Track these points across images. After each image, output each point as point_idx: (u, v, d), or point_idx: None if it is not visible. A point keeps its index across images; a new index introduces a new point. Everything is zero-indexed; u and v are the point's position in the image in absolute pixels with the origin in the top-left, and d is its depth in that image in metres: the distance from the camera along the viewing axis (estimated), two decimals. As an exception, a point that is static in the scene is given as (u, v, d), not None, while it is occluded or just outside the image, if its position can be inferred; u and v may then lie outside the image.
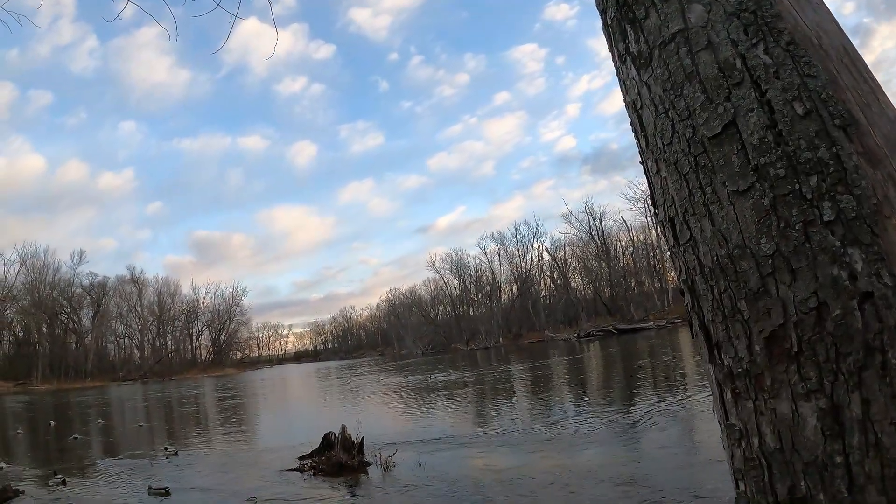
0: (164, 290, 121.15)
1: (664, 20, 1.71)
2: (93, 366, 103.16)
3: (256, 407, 37.42)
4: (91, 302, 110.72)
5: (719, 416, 1.77)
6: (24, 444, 25.14)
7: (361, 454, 14.33)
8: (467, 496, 10.68)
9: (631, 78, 1.86)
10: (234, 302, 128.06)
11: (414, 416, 23.20)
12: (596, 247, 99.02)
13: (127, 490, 14.17)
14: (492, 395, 27.70)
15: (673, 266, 1.87)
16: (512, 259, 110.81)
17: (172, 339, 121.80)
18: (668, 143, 1.71)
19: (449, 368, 49.61)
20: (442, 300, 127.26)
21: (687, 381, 22.07)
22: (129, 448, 21.25)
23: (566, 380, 30.18)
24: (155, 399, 50.16)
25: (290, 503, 11.73)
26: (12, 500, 13.54)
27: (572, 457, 12.83)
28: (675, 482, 9.81)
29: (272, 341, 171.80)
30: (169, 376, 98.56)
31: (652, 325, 69.75)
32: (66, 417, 36.74)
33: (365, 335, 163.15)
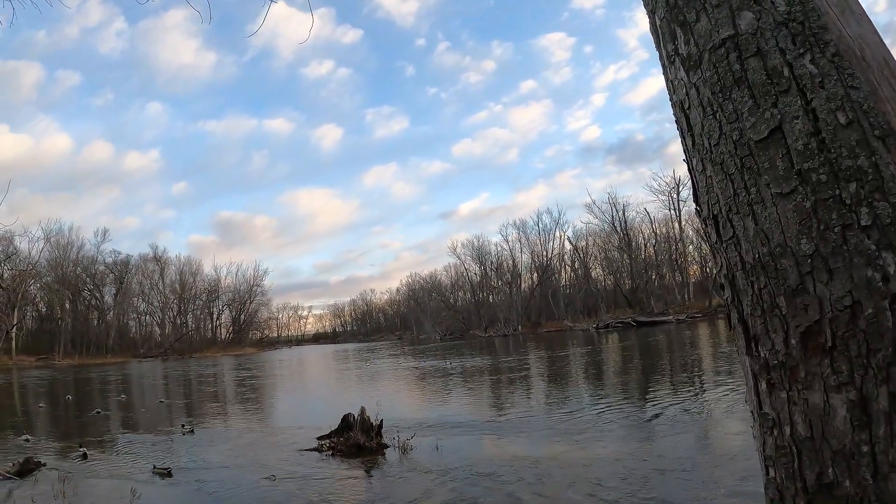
0: (185, 269, 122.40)
1: (715, 25, 1.77)
2: (114, 342, 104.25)
3: (275, 386, 37.55)
4: (114, 279, 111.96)
5: (752, 406, 1.84)
6: (47, 418, 25.41)
7: (380, 436, 14.42)
8: (482, 482, 10.72)
9: (679, 78, 1.91)
10: (255, 282, 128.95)
11: (431, 400, 23.27)
12: (618, 238, 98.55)
13: (143, 466, 14.33)
14: (508, 383, 27.70)
15: (713, 261, 1.93)
16: (533, 247, 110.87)
17: (193, 318, 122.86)
18: (714, 143, 1.77)
19: (467, 354, 49.64)
20: (462, 286, 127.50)
21: (704, 376, 22.01)
22: (149, 424, 21.48)
23: (583, 370, 30.14)
24: (175, 376, 50.49)
25: (308, 482, 11.81)
26: (34, 472, 13.77)
27: (586, 447, 12.83)
28: (690, 477, 9.82)
29: (292, 322, 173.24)
30: (189, 354, 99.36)
31: (671, 319, 69.23)
32: (87, 392, 37.12)
33: (384, 319, 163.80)
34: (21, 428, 21.13)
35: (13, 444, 17.85)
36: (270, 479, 12.07)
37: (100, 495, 11.68)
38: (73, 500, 9.61)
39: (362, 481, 12.05)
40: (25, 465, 13.94)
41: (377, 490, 11.12)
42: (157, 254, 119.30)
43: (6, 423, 23.52)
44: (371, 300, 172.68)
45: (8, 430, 21.18)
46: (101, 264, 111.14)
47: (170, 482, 12.57)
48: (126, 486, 11.93)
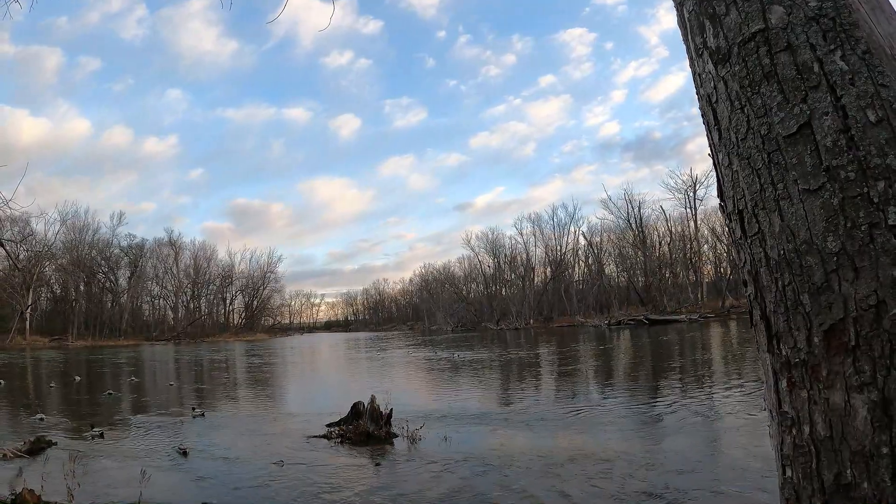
0: (200, 254, 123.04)
1: (745, 18, 1.75)
2: (127, 325, 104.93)
3: (285, 373, 37.70)
4: (128, 263, 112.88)
5: (771, 405, 1.83)
6: (59, 398, 25.57)
7: (389, 425, 14.46)
8: (490, 473, 10.75)
9: (707, 72, 1.90)
10: (269, 269, 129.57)
11: (441, 391, 23.27)
12: (633, 235, 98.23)
13: (154, 447, 14.43)
14: (519, 376, 27.74)
15: (737, 257, 1.91)
16: (547, 241, 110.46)
17: (206, 302, 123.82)
18: (742, 138, 1.76)
19: (478, 347, 49.69)
20: (475, 278, 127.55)
21: (714, 377, 21.92)
22: (160, 407, 21.59)
23: (593, 366, 30.10)
24: (186, 360, 50.73)
25: (316, 468, 11.86)
26: (46, 451, 13.87)
27: (594, 442, 12.84)
28: (695, 477, 9.81)
29: (304, 309, 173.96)
30: (201, 338, 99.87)
31: (684, 318, 68.91)
32: (99, 374, 37.38)
33: (396, 308, 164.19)
34: (33, 407, 21.28)
35: (27, 424, 17.99)
36: (279, 464, 12.13)
37: (109, 475, 11.75)
38: (82, 480, 9.65)
39: (370, 469, 12.09)
40: (37, 443, 14.06)
41: (385, 478, 11.15)
42: (172, 238, 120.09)
43: (19, 403, 23.73)
44: (384, 290, 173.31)
45: (21, 410, 21.37)
46: (116, 247, 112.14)
47: (180, 464, 12.65)
48: (136, 466, 12.02)
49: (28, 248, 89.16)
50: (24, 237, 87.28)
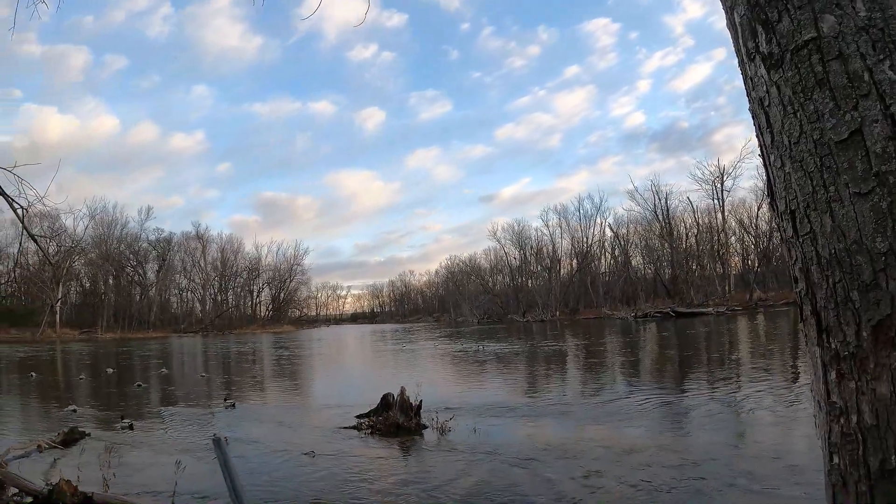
0: (227, 247, 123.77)
1: (797, 26, 1.81)
2: (155, 317, 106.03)
3: (313, 364, 37.93)
4: (156, 256, 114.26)
5: (819, 395, 1.91)
6: (90, 390, 25.86)
7: (419, 417, 14.50)
8: (519, 465, 10.78)
9: (759, 76, 1.95)
10: (296, 261, 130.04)
11: (469, 383, 23.33)
12: (659, 226, 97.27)
13: (189, 437, 14.65)
14: (545, 368, 27.72)
15: (787, 255, 1.97)
16: (574, 233, 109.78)
17: (233, 295, 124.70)
18: (794, 141, 1.82)
19: (504, 339, 49.57)
20: (501, 270, 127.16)
21: (742, 371, 21.71)
22: (190, 398, 21.84)
23: (620, 358, 29.99)
24: (215, 352, 51.11)
25: (346, 459, 11.94)
26: (79, 442, 14.09)
27: (620, 435, 12.85)
28: (724, 470, 9.78)
29: (330, 301, 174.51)
30: (228, 330, 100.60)
31: (711, 311, 67.95)
32: (128, 366, 37.72)
33: (422, 300, 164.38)
34: (65, 399, 21.57)
35: (60, 415, 18.25)
36: (310, 455, 12.24)
37: (144, 466, 11.94)
38: (117, 471, 9.80)
39: (401, 460, 12.20)
40: (70, 434, 14.27)
41: (415, 469, 11.24)
42: (200, 232, 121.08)
43: (50, 395, 24.04)
44: (410, 282, 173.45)
45: (52, 402, 21.65)
46: (144, 241, 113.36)
47: (210, 455, 12.77)
48: (168, 457, 12.20)
49: (58, 243, 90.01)
50: (55, 233, 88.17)
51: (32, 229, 11.07)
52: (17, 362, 41.10)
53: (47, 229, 77.13)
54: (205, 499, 9.55)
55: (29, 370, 32.79)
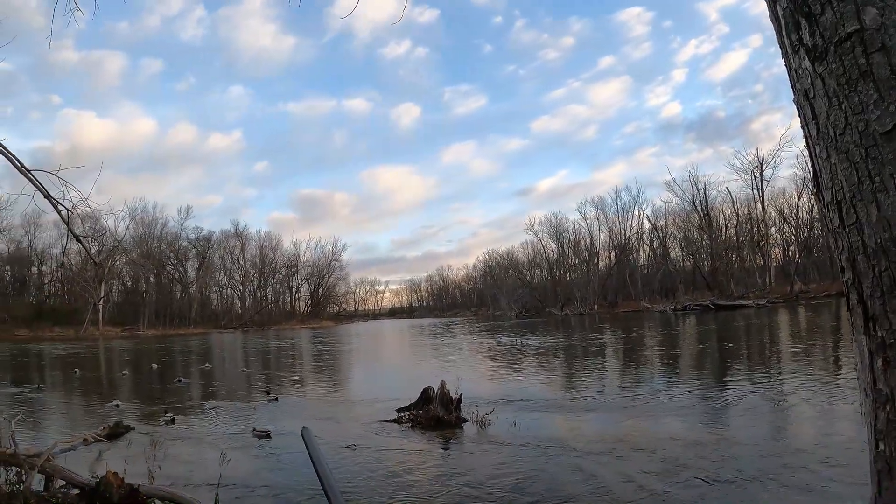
0: (266, 245, 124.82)
1: (840, 18, 1.82)
2: (196, 314, 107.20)
3: (352, 359, 38.15)
4: (196, 254, 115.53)
5: (866, 383, 1.92)
6: (133, 385, 26.28)
7: (458, 410, 14.60)
8: (557, 458, 10.82)
9: (804, 68, 1.96)
10: (334, 257, 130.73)
11: (508, 377, 23.37)
12: (698, 217, 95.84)
13: (232, 430, 14.83)
14: (584, 362, 27.71)
15: (833, 245, 1.98)
16: (611, 225, 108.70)
17: (272, 291, 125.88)
18: (840, 133, 1.83)
19: (543, 332, 49.50)
20: (539, 263, 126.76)
21: (782, 365, 21.46)
22: (232, 392, 22.13)
23: (659, 352, 29.81)
24: (255, 347, 51.60)
25: (388, 452, 12.06)
26: (125, 436, 14.37)
27: (660, 429, 12.82)
28: (763, 464, 9.73)
29: (369, 296, 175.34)
30: (268, 326, 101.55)
31: (751, 304, 66.89)
32: (170, 362, 38.23)
33: (460, 294, 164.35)
34: (108, 394, 21.96)
35: (104, 410, 18.56)
36: (351, 448, 12.36)
37: (188, 459, 12.13)
38: (162, 463, 9.96)
39: (441, 453, 12.27)
40: (115, 428, 14.59)
41: (456, 462, 11.30)
42: (239, 230, 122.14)
43: (94, 390, 24.47)
44: (447, 276, 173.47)
45: (96, 397, 22.03)
46: (184, 240, 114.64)
47: (256, 448, 12.97)
48: (211, 450, 12.39)
49: (100, 243, 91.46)
50: (97, 233, 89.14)
51: (75, 230, 11.29)
52: (61, 359, 41.86)
53: (89, 230, 78.20)
54: (249, 490, 9.69)
55: (72, 367, 33.43)
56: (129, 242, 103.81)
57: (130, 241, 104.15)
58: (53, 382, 28.46)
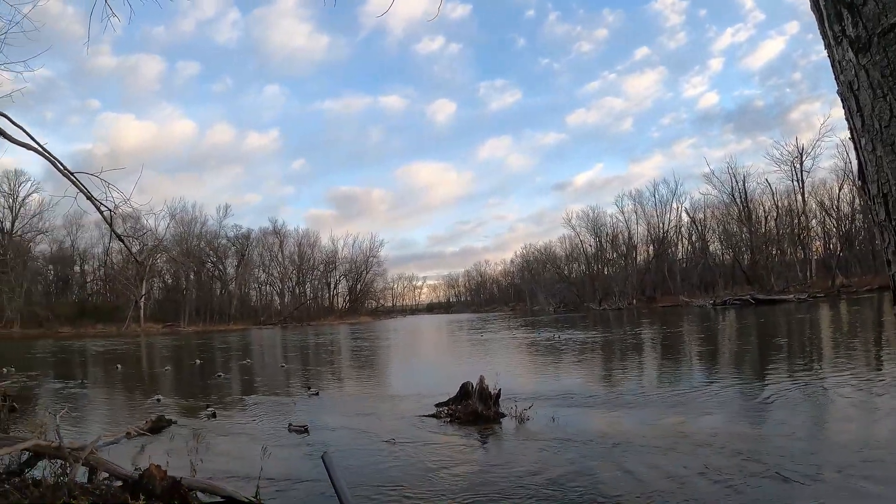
0: (304, 241, 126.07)
1: (882, 10, 1.79)
2: (236, 310, 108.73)
3: (390, 354, 38.35)
4: (235, 252, 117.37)
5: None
6: (174, 380, 26.62)
7: (497, 405, 14.58)
8: (596, 454, 10.78)
9: (847, 59, 1.94)
10: (372, 253, 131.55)
11: (546, 372, 23.32)
12: (737, 210, 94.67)
13: (271, 425, 14.96)
14: (622, 358, 27.55)
15: (879, 238, 1.96)
16: (649, 219, 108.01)
17: (311, 287, 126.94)
18: (885, 125, 1.81)
19: (582, 328, 49.29)
20: (576, 258, 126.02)
21: (823, 361, 21.15)
22: (273, 387, 22.33)
23: (698, 348, 29.54)
24: (294, 343, 51.94)
25: (427, 446, 12.09)
26: (166, 429, 14.57)
27: (699, 424, 12.72)
28: (802, 462, 9.60)
29: (406, 292, 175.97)
30: (307, 322, 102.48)
31: (792, 298, 65.84)
32: (211, 357, 38.62)
33: (497, 290, 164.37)
34: (150, 389, 22.28)
35: (146, 404, 18.82)
36: (391, 442, 12.43)
37: (229, 452, 12.26)
38: (203, 456, 10.07)
39: (480, 448, 12.26)
40: (157, 422, 14.85)
41: (495, 457, 11.32)
42: (277, 227, 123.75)
43: (136, 386, 24.81)
44: (485, 271, 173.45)
45: (138, 392, 22.36)
46: (223, 238, 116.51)
47: (296, 442, 13.07)
48: (251, 443, 12.50)
49: (141, 242, 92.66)
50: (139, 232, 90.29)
51: (117, 230, 11.51)
52: (104, 356, 42.49)
53: (130, 229, 79.32)
54: (290, 483, 9.77)
55: (115, 363, 33.96)
56: (170, 241, 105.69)
57: (171, 240, 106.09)
58: (96, 378, 28.92)
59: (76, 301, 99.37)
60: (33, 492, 7.87)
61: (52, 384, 25.25)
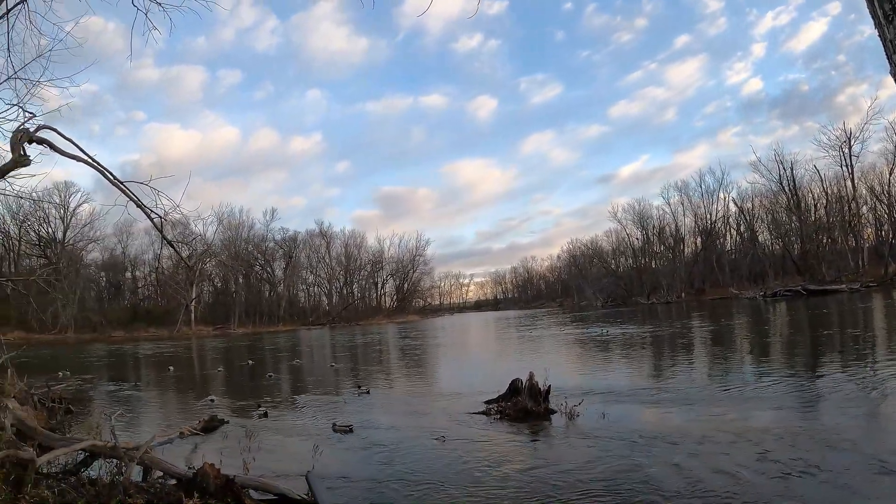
0: (350, 242, 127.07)
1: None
2: (284, 312, 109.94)
3: (439, 352, 38.40)
4: (283, 254, 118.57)
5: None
6: (226, 381, 26.94)
7: (547, 402, 14.55)
8: (648, 450, 10.67)
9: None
10: (418, 252, 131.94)
11: (596, 368, 23.18)
12: (786, 198, 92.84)
13: (322, 424, 15.05)
14: (671, 352, 27.29)
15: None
16: (696, 210, 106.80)
17: (358, 287, 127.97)
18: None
19: (630, 322, 48.96)
20: (623, 251, 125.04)
21: (878, 353, 20.78)
22: (323, 386, 22.52)
23: (749, 341, 29.11)
24: (343, 343, 52.28)
25: (477, 444, 12.08)
26: (219, 429, 14.82)
27: (750, 420, 12.55)
28: (855, 457, 9.42)
29: (453, 290, 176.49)
30: (355, 322, 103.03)
31: (844, 288, 64.77)
32: (261, 358, 39.08)
33: (545, 286, 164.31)
34: (202, 390, 22.62)
35: (199, 404, 19.11)
36: (440, 439, 12.45)
37: (283, 450, 12.41)
38: (256, 455, 10.20)
39: (530, 445, 12.22)
40: (210, 422, 15.09)
41: (546, 454, 11.25)
42: (323, 229, 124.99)
43: (189, 387, 25.19)
44: (532, 267, 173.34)
45: (191, 393, 22.70)
46: (270, 241, 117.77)
47: (347, 440, 13.16)
48: (307, 441, 12.59)
49: (191, 247, 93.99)
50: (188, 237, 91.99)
51: (167, 236, 11.77)
52: (156, 358, 43.20)
53: (179, 235, 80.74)
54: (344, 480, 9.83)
55: (167, 365, 34.54)
56: (218, 245, 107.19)
57: (219, 245, 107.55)
58: (149, 380, 29.34)
59: (128, 306, 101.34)
60: (89, 490, 8.02)
61: (106, 387, 25.71)
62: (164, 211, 10.23)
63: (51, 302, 58.86)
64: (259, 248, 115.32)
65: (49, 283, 15.05)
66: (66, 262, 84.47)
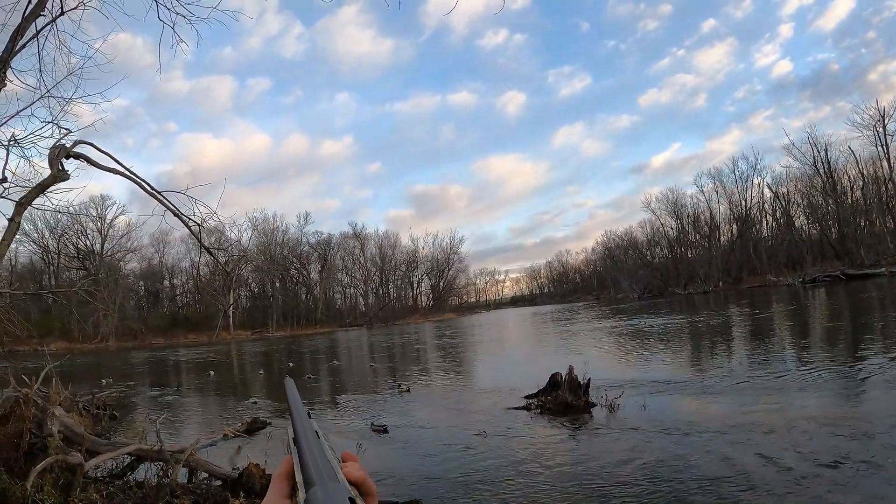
0: (384, 243, 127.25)
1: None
2: (321, 314, 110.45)
3: (477, 349, 38.48)
4: (318, 257, 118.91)
5: None
6: (266, 383, 27.16)
7: (587, 395, 14.60)
8: (688, 441, 10.75)
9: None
10: (452, 250, 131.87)
11: (634, 360, 23.20)
12: (821, 181, 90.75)
13: (362, 422, 15.24)
14: (710, 342, 27.17)
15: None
16: (731, 197, 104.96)
17: (394, 287, 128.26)
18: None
19: (667, 313, 48.72)
20: (658, 242, 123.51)
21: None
22: (363, 385, 22.74)
23: (788, 329, 28.95)
24: (380, 343, 52.46)
25: (518, 439, 12.19)
26: (261, 430, 15.08)
27: (791, 408, 12.54)
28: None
29: (489, 286, 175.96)
30: (392, 321, 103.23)
31: (884, 272, 63.58)
32: (300, 360, 39.35)
33: (580, 279, 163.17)
34: (244, 393, 22.85)
35: (241, 407, 19.37)
36: (482, 434, 12.57)
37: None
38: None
39: (572, 439, 12.29)
40: (253, 424, 15.39)
41: (587, 447, 11.31)
42: (357, 230, 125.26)
43: (230, 390, 25.49)
44: (566, 261, 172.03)
45: (232, 396, 22.97)
46: (305, 245, 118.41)
47: (390, 437, 13.30)
48: (349, 440, 12.72)
49: (227, 253, 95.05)
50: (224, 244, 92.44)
51: (204, 243, 11.92)
52: (196, 363, 43.69)
53: (215, 242, 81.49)
54: (381, 478, 9.91)
55: (207, 369, 34.92)
56: (254, 251, 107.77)
57: (254, 250, 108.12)
58: (191, 384, 29.76)
59: (167, 313, 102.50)
60: (136, 493, 8.20)
61: (148, 392, 26.14)
62: (200, 219, 10.37)
63: (92, 312, 59.53)
64: (294, 252, 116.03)
65: (89, 294, 15.24)
66: (105, 272, 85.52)
